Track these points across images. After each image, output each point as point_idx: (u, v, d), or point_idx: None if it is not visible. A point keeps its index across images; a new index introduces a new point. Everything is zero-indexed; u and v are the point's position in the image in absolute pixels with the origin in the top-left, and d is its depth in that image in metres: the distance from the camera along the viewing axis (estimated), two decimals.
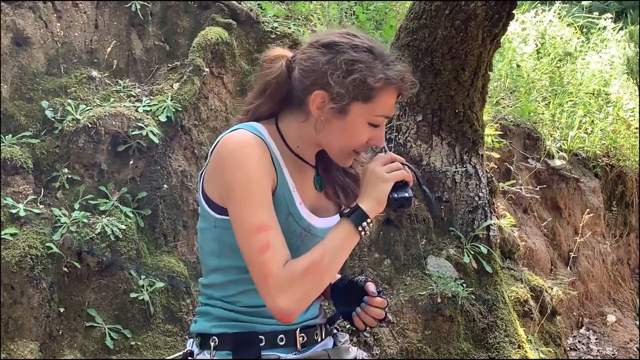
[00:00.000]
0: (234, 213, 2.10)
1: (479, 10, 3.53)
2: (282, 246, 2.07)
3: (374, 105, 2.13)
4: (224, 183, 2.12)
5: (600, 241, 5.59)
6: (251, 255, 2.08)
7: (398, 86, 2.14)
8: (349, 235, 2.10)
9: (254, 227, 2.07)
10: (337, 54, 2.13)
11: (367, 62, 2.12)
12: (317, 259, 2.07)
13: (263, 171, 2.11)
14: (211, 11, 3.72)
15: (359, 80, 2.10)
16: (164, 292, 2.94)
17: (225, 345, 2.22)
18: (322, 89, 2.12)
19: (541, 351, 3.64)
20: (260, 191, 2.10)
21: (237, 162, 2.11)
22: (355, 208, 2.10)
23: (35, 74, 3.24)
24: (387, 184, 2.11)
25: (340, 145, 2.19)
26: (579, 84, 6.09)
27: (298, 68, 2.18)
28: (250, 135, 2.15)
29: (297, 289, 2.05)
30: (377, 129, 2.17)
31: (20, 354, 2.63)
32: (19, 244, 2.75)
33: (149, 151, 3.12)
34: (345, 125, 2.15)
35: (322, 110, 2.14)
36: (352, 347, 2.40)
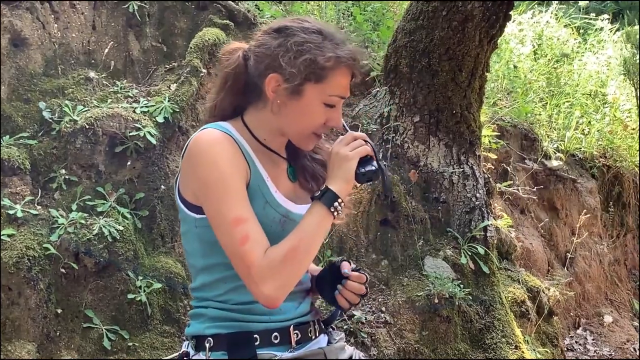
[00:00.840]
0: (210, 209, 2.13)
1: (476, 12, 3.53)
2: (261, 236, 2.10)
3: (327, 85, 2.17)
4: (198, 181, 2.14)
5: (597, 242, 5.59)
6: (232, 248, 2.10)
7: (349, 65, 2.18)
8: (323, 217, 2.14)
9: (231, 220, 2.10)
10: (288, 37, 2.17)
11: (317, 42, 2.16)
12: (295, 244, 2.10)
13: (234, 166, 2.14)
14: (208, 12, 3.73)
15: (309, 60, 2.13)
16: (162, 293, 2.94)
17: (220, 346, 2.23)
18: (276, 72, 2.17)
19: (538, 352, 3.64)
20: (233, 185, 2.12)
21: (208, 160, 2.14)
22: (325, 190, 2.13)
23: (33, 75, 3.25)
24: (352, 161, 2.16)
25: (299, 127, 2.22)
26: (575, 84, 6.10)
27: (253, 56, 2.22)
28: (218, 133, 2.17)
29: (279, 276, 2.09)
30: (333, 109, 2.21)
31: (18, 354, 2.63)
32: (16, 245, 2.75)
33: (147, 152, 3.12)
34: (301, 106, 2.18)
35: (277, 93, 2.18)
36: (347, 346, 2.41)
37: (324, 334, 2.39)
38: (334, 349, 2.35)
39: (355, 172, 2.17)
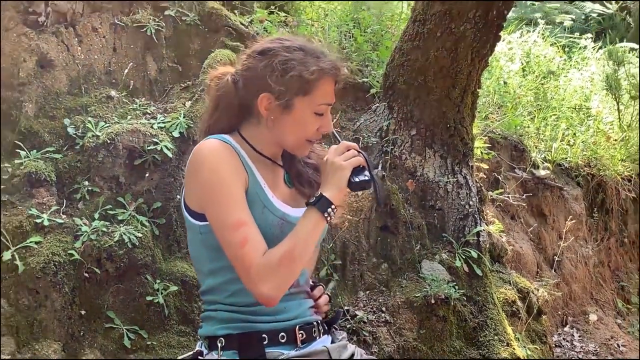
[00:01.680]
0: (212, 214, 2.14)
1: (468, 33, 3.53)
2: (259, 239, 2.11)
3: (314, 96, 2.19)
4: (200, 188, 2.15)
5: (583, 245, 5.58)
6: (232, 250, 2.11)
7: (332, 74, 2.20)
8: (317, 222, 2.15)
9: (231, 224, 2.11)
10: (272, 57, 2.19)
11: (299, 59, 2.18)
12: (291, 247, 2.11)
13: (234, 173, 2.15)
14: (220, 35, 3.74)
15: (295, 76, 2.15)
16: (178, 295, 2.94)
17: (231, 345, 2.23)
18: (266, 91, 2.18)
19: (528, 348, 3.63)
20: (233, 191, 2.13)
21: (210, 167, 2.15)
22: (319, 197, 2.15)
23: (58, 94, 3.25)
24: (345, 171, 2.17)
25: (294, 137, 2.23)
26: (561, 99, 6.09)
27: (242, 79, 2.24)
28: (218, 142, 2.19)
29: (275, 276, 2.10)
30: (323, 116, 2.22)
31: (45, 353, 2.63)
32: (43, 251, 2.76)
33: (163, 165, 3.12)
34: (294, 119, 2.20)
35: (270, 110, 2.20)
36: (349, 345, 2.41)
37: (328, 335, 2.39)
38: (337, 347, 2.35)
39: (348, 181, 2.18)
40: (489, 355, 3.33)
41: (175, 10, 3.69)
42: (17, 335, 2.62)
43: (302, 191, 2.32)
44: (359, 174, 2.19)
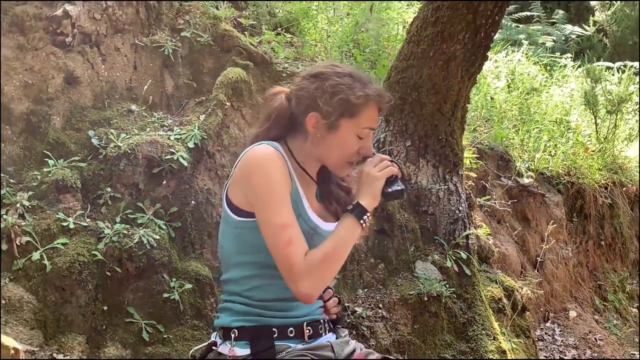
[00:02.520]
0: (261, 214, 2.15)
1: (458, 53, 3.55)
2: (302, 241, 2.13)
3: (359, 120, 2.20)
4: (251, 189, 2.16)
5: (563, 247, 5.58)
6: (277, 249, 2.12)
7: (376, 101, 2.22)
8: (353, 227, 2.17)
9: (278, 225, 2.12)
10: (323, 81, 2.20)
11: (348, 84, 2.19)
12: (330, 249, 2.13)
13: (283, 178, 2.16)
14: (232, 54, 3.75)
15: (343, 99, 2.17)
16: (192, 293, 2.94)
17: (244, 337, 2.24)
18: (315, 111, 2.19)
19: (513, 342, 3.63)
20: (282, 195, 2.15)
21: (262, 171, 2.16)
22: (356, 205, 2.16)
23: (83, 108, 3.26)
24: (380, 181, 2.18)
25: (336, 156, 2.24)
26: (543, 113, 6.11)
27: (294, 98, 2.25)
28: (272, 149, 2.20)
29: (315, 276, 2.11)
30: (364, 139, 2.23)
31: (70, 345, 2.64)
32: (69, 252, 2.77)
33: (179, 173, 3.13)
34: (338, 138, 2.21)
35: (317, 128, 2.20)
36: (351, 340, 2.41)
37: (333, 332, 2.40)
38: (340, 343, 2.36)
39: (382, 190, 2.18)
40: (477, 348, 3.33)
41: (191, 32, 3.70)
42: (44, 328, 2.63)
43: (329, 208, 2.33)
44: (392, 184, 2.20)
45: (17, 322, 2.57)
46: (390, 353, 3.08)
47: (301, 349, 2.25)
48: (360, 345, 2.44)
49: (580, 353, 5.01)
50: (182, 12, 3.80)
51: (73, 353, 2.60)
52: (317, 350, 2.29)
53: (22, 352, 1.81)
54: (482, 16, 3.51)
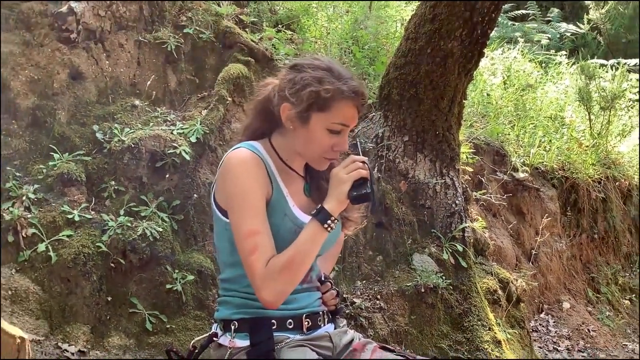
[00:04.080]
0: (232, 219, 2.14)
1: (455, 50, 3.54)
2: (268, 247, 2.10)
3: (330, 114, 2.15)
4: (225, 193, 2.15)
5: (557, 240, 5.58)
6: (243, 256, 2.11)
7: (350, 97, 2.16)
8: (317, 232, 2.13)
9: (245, 232, 2.10)
10: (298, 73, 2.17)
11: (321, 78, 2.15)
12: (291, 257, 2.10)
13: (257, 184, 2.13)
14: (233, 51, 3.74)
15: (312, 92, 2.13)
16: (194, 284, 2.95)
17: (243, 328, 2.23)
18: (287, 102, 2.16)
19: (508, 332, 3.63)
20: (251, 202, 2.12)
21: (235, 177, 2.14)
22: (320, 209, 2.13)
23: (88, 103, 3.26)
24: (345, 184, 2.13)
25: (309, 149, 2.21)
26: (538, 109, 6.10)
27: (276, 89, 2.23)
28: (249, 153, 2.17)
29: (275, 284, 2.08)
30: (338, 135, 2.19)
31: (75, 335, 2.64)
32: (73, 244, 2.77)
33: (182, 167, 3.13)
34: (309, 132, 2.17)
35: (289, 119, 2.18)
36: (349, 330, 2.41)
37: (332, 323, 2.39)
38: (338, 333, 2.35)
39: (349, 194, 2.13)
40: (473, 339, 3.33)
41: (193, 29, 3.69)
42: (50, 318, 2.63)
43: (318, 202, 2.30)
44: (360, 187, 2.14)
45: (23, 312, 2.57)
46: (388, 343, 3.07)
47: (300, 340, 2.25)
48: (359, 335, 2.44)
49: (573, 344, 5.01)
50: (185, 9, 3.79)
51: (78, 342, 2.60)
52: (316, 341, 2.28)
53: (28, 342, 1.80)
54: (479, 14, 3.50)
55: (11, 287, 2.59)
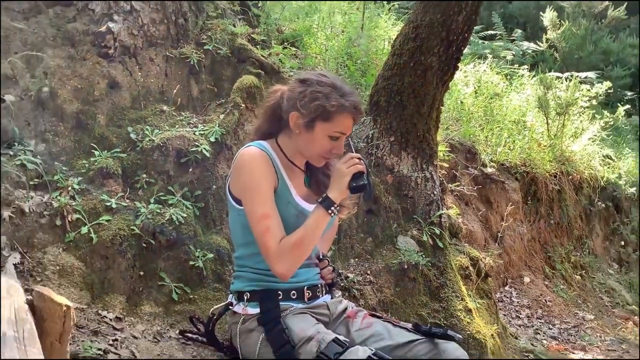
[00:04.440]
0: (246, 206, 2.14)
1: (434, 64, 3.53)
2: (278, 229, 2.11)
3: (332, 124, 2.17)
4: (240, 185, 2.16)
5: (519, 225, 5.59)
6: (257, 236, 2.12)
7: (350, 111, 2.18)
8: (322, 217, 2.15)
9: (259, 216, 2.11)
10: (307, 87, 2.18)
11: (327, 93, 2.16)
12: (300, 237, 2.11)
13: (265, 176, 2.15)
14: (246, 64, 3.74)
15: (319, 105, 2.14)
16: (213, 261, 2.95)
17: (254, 298, 2.24)
18: (296, 111, 2.17)
19: (477, 302, 3.64)
20: (262, 191, 2.13)
21: (248, 170, 2.15)
22: (325, 197, 2.15)
23: (123, 108, 3.26)
24: (346, 177, 2.16)
25: (311, 151, 2.22)
26: (504, 114, 6.10)
27: (285, 97, 2.23)
28: (258, 151, 2.18)
29: (287, 259, 2.10)
30: (336, 141, 2.21)
31: (113, 304, 2.64)
32: (111, 227, 2.77)
33: (203, 162, 3.13)
34: (313, 137, 2.18)
35: (296, 125, 2.19)
36: (343, 300, 2.42)
37: (329, 294, 2.39)
38: (334, 302, 2.36)
39: (348, 185, 2.15)
40: (448, 307, 3.33)
41: (212, 45, 3.68)
42: (91, 290, 2.63)
43: (317, 192, 2.31)
44: (358, 179, 2.16)
45: (69, 284, 2.57)
46: (376, 310, 3.08)
47: (302, 308, 2.25)
48: (352, 304, 2.44)
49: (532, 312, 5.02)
50: (205, 29, 3.78)
51: (115, 310, 2.61)
52: (316, 309, 2.29)
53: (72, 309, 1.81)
54: (454, 33, 3.50)
55: (59, 264, 2.59)
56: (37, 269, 2.53)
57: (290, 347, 2.11)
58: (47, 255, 2.59)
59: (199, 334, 2.52)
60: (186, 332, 2.53)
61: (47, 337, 1.75)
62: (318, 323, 2.20)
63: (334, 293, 2.42)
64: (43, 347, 1.66)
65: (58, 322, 1.75)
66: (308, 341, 2.10)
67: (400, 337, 2.25)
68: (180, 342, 2.51)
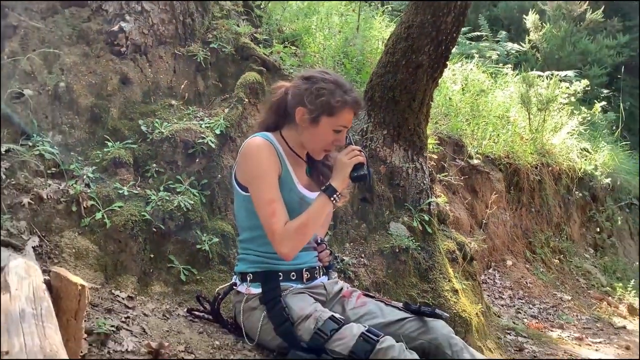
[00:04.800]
0: (253, 192, 2.14)
1: (424, 62, 3.51)
2: (283, 213, 2.12)
3: (336, 119, 2.17)
4: (247, 172, 2.15)
5: (502, 212, 5.60)
6: (264, 219, 2.12)
7: (352, 106, 2.19)
8: (325, 203, 2.15)
9: (265, 200, 2.12)
10: (313, 84, 2.18)
11: (331, 89, 2.16)
12: (304, 221, 2.12)
13: (270, 165, 2.15)
14: (249, 62, 3.72)
15: (325, 101, 2.14)
16: (219, 245, 2.94)
17: (257, 279, 2.24)
18: (302, 106, 2.16)
19: (463, 284, 3.65)
20: (268, 178, 2.14)
21: (254, 158, 2.15)
22: (328, 185, 2.15)
23: (135, 102, 3.24)
24: (348, 167, 2.16)
25: (314, 144, 2.23)
26: (489, 110, 6.09)
27: (290, 93, 2.22)
28: (263, 141, 2.18)
29: (291, 241, 2.10)
30: (339, 134, 2.21)
31: (125, 284, 2.64)
32: (123, 212, 2.76)
33: (209, 153, 3.12)
34: (318, 131, 2.18)
35: (302, 120, 2.18)
36: (339, 281, 2.42)
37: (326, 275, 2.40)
38: (331, 283, 2.36)
39: (350, 175, 2.15)
40: (436, 288, 3.33)
41: (218, 44, 3.66)
42: (105, 271, 2.63)
43: (316, 181, 2.32)
44: (359, 170, 2.17)
45: (84, 266, 2.57)
46: (370, 291, 3.08)
47: (301, 288, 2.25)
48: (347, 285, 2.45)
49: (514, 293, 5.04)
50: (211, 28, 3.75)
51: (127, 290, 2.60)
52: (313, 289, 2.29)
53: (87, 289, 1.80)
54: (443, 34, 3.48)
55: (75, 247, 2.58)
56: (55, 251, 2.52)
57: (289, 324, 2.12)
58: (64, 239, 2.58)
59: (205, 312, 2.52)
60: (193, 310, 2.53)
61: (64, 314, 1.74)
62: (316, 302, 2.20)
63: (331, 274, 2.43)
64: (60, 324, 1.66)
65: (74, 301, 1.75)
66: (306, 319, 2.11)
67: (392, 315, 2.25)
68: (187, 319, 2.50)
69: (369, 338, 2.00)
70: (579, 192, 6.70)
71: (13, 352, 1.35)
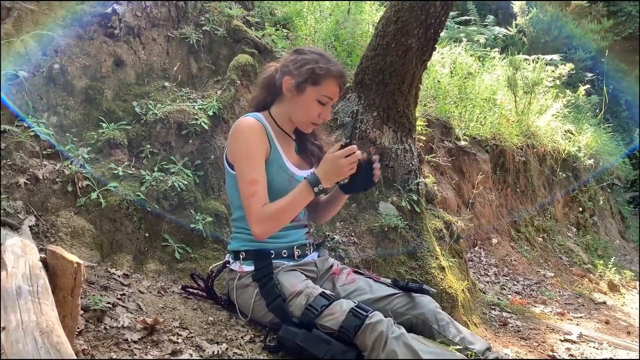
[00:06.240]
0: (238, 171, 2.13)
1: (414, 45, 3.49)
2: (263, 194, 2.10)
3: (320, 88, 2.16)
4: (235, 152, 2.14)
5: (489, 193, 5.62)
6: (244, 198, 2.11)
7: (335, 76, 2.18)
8: (307, 193, 2.13)
9: (247, 180, 2.10)
10: (299, 55, 2.17)
11: (316, 59, 2.16)
12: (283, 207, 2.10)
13: (258, 144, 2.13)
14: (242, 44, 3.68)
15: (310, 69, 2.13)
16: (212, 224, 2.94)
17: (249, 257, 2.24)
18: (289, 75, 2.16)
19: (450, 261, 3.67)
20: (254, 157, 2.12)
21: (242, 137, 2.14)
22: (314, 175, 2.12)
23: (129, 84, 3.20)
24: (342, 174, 2.11)
25: (301, 115, 2.21)
26: (477, 93, 6.08)
27: (279, 68, 2.22)
28: (253, 120, 2.17)
29: (265, 223, 2.09)
30: (324, 107, 2.20)
31: (120, 262, 2.63)
32: (119, 192, 2.74)
33: (202, 134, 3.09)
34: (303, 100, 2.17)
35: (289, 89, 2.17)
36: (330, 258, 2.42)
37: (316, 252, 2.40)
38: (321, 260, 2.36)
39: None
40: (424, 265, 3.35)
41: (210, 27, 3.62)
42: (101, 250, 2.62)
43: (305, 159, 2.31)
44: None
45: (80, 244, 2.56)
46: (360, 268, 3.10)
47: (292, 266, 2.25)
48: (337, 262, 2.45)
49: (499, 270, 5.08)
50: (204, 11, 3.70)
51: (123, 268, 2.60)
52: (304, 266, 2.29)
53: (83, 266, 1.79)
54: (432, 17, 3.45)
55: (71, 226, 2.56)
56: (51, 230, 2.50)
57: (281, 301, 2.12)
58: (60, 218, 2.56)
59: (199, 289, 2.52)
60: (187, 288, 2.53)
61: (60, 292, 1.73)
62: (307, 279, 2.21)
63: (322, 252, 2.43)
64: (56, 300, 1.65)
65: (70, 278, 1.74)
66: (297, 295, 2.11)
67: (381, 291, 2.26)
68: (182, 296, 2.51)
69: (358, 313, 2.01)
70: (563, 172, 6.74)
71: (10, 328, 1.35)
